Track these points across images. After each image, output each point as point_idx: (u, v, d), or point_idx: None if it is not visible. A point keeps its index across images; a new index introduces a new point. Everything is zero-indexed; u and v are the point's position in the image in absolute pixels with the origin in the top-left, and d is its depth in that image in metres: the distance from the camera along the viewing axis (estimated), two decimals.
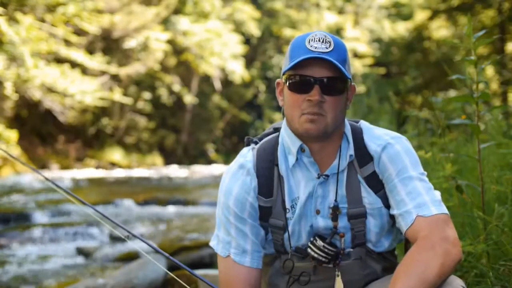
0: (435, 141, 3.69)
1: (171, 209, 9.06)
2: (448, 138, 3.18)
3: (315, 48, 1.60)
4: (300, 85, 1.63)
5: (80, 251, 5.79)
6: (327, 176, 1.72)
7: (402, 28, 25.67)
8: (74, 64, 16.55)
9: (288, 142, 1.74)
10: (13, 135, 15.70)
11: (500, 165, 3.08)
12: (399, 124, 6.60)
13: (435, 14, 16.09)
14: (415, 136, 4.74)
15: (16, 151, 15.79)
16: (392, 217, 1.74)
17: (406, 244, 1.88)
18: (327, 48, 1.61)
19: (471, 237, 2.39)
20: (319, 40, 1.62)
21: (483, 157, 2.77)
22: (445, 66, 3.33)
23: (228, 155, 28.06)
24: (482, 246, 2.25)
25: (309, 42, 1.62)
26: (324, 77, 1.60)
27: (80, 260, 5.51)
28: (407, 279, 1.43)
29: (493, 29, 12.41)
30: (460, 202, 2.71)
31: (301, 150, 1.72)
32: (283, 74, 1.68)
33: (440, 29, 18.58)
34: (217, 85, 26.73)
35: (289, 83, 1.65)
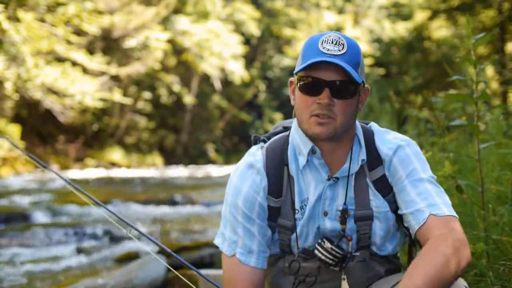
0: (435, 141, 3.69)
1: (171, 209, 9.06)
2: (448, 138, 3.18)
3: (328, 50, 1.59)
4: (310, 87, 1.62)
5: (80, 251, 5.79)
6: (337, 178, 1.72)
7: (402, 28, 25.68)
8: (74, 64, 16.56)
9: (299, 142, 1.73)
10: (15, 129, 15.72)
11: (500, 165, 3.08)
12: (399, 124, 6.60)
13: (435, 14, 16.08)
14: (415, 136, 4.74)
15: (20, 145, 15.82)
16: (398, 221, 1.74)
17: (410, 247, 1.88)
18: (339, 50, 1.59)
19: (471, 236, 2.40)
20: (332, 42, 1.61)
21: (483, 157, 2.77)
22: (446, 66, 3.34)
23: (228, 155, 28.07)
24: (482, 246, 2.26)
25: (322, 43, 1.61)
26: (334, 80, 1.59)
27: (80, 260, 5.51)
28: (426, 268, 1.41)
29: (493, 29, 12.41)
30: (460, 202, 2.71)
31: (312, 151, 1.71)
32: (295, 74, 1.67)
33: (440, 29, 18.57)
34: (217, 85, 26.73)
35: (300, 85, 1.65)
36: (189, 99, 25.64)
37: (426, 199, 1.61)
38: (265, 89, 30.02)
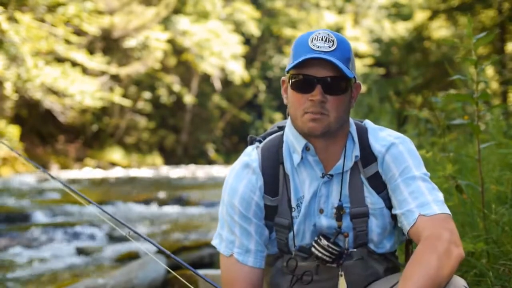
0: (435, 141, 3.69)
1: (171, 209, 9.06)
2: (448, 138, 3.18)
3: (318, 47, 1.60)
4: (302, 84, 1.62)
5: (80, 251, 5.79)
6: (331, 175, 1.72)
7: (402, 28, 25.68)
8: (74, 64, 16.57)
9: (293, 140, 1.73)
10: (15, 130, 15.73)
11: (501, 165, 3.08)
12: (400, 124, 6.59)
13: (435, 14, 16.08)
14: (415, 136, 4.73)
15: (19, 146, 15.84)
16: (394, 218, 1.74)
17: (407, 245, 1.88)
18: (330, 47, 1.60)
19: (471, 236, 2.39)
20: (322, 39, 1.61)
21: (483, 157, 2.77)
22: (447, 66, 3.34)
23: (228, 155, 28.08)
24: (482, 246, 2.25)
25: (312, 41, 1.61)
26: (326, 76, 1.60)
27: (80, 260, 5.51)
28: (414, 281, 1.41)
29: (493, 29, 12.41)
30: (460, 202, 2.71)
31: (306, 148, 1.71)
32: (287, 73, 1.67)
33: (440, 29, 18.57)
34: (217, 85, 26.74)
35: (291, 82, 1.65)
36: (189, 99, 25.65)
37: (417, 198, 1.61)
38: (265, 89, 30.03)
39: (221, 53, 24.53)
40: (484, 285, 2.18)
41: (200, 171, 19.88)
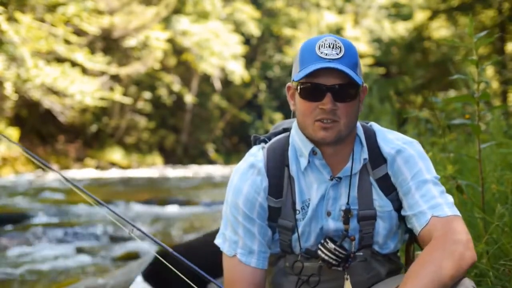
0: (436, 141, 3.69)
1: (171, 209, 9.06)
2: (448, 138, 3.18)
3: (326, 55, 1.58)
4: (311, 93, 1.61)
5: (80, 251, 5.79)
6: (340, 178, 1.72)
7: (402, 28, 25.69)
8: (74, 64, 16.56)
9: (300, 144, 1.73)
10: (14, 132, 15.72)
11: (501, 165, 3.08)
12: (400, 124, 6.59)
13: (435, 14, 16.09)
14: (416, 136, 4.73)
15: (18, 149, 15.82)
16: (401, 220, 1.74)
17: (408, 245, 1.88)
18: (337, 54, 1.59)
19: (472, 237, 2.39)
20: (329, 46, 1.60)
21: (483, 157, 2.77)
22: (448, 66, 3.35)
23: (228, 155, 28.08)
24: (482, 246, 2.25)
25: (319, 48, 1.60)
26: (335, 84, 1.59)
27: (80, 260, 5.50)
28: (419, 279, 1.43)
29: (493, 29, 12.41)
30: (461, 202, 2.71)
31: (312, 153, 1.71)
32: (294, 81, 1.66)
33: (440, 29, 18.57)
34: (217, 85, 26.74)
35: (300, 90, 1.64)
36: (189, 99, 25.66)
37: (429, 201, 1.62)
38: (265, 89, 30.04)
39: (221, 53, 24.54)
40: (484, 285, 2.18)
41: (200, 171, 19.89)
